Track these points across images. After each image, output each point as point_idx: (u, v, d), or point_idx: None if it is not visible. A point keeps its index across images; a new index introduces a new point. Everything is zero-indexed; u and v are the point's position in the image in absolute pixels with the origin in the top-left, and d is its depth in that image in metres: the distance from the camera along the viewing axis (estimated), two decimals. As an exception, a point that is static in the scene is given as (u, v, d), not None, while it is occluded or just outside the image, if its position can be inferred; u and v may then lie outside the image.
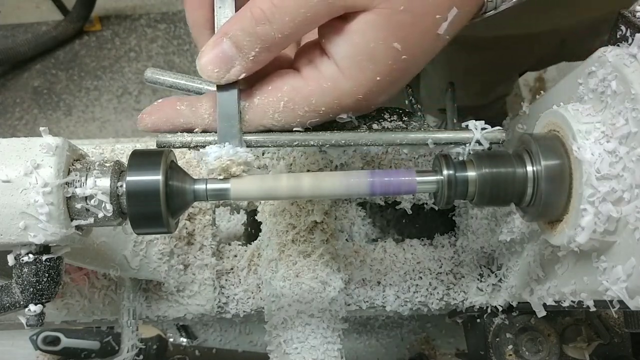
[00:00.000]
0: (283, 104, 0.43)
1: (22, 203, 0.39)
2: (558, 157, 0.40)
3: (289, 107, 0.43)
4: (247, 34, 0.40)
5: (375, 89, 0.42)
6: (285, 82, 0.43)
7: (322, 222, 0.66)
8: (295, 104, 0.43)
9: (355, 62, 0.41)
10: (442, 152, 0.45)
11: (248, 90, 0.45)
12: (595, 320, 0.70)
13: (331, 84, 0.42)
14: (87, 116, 1.97)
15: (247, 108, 0.44)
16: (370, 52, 0.41)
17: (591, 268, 0.42)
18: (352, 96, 0.42)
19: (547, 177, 0.40)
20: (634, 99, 0.37)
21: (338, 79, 0.42)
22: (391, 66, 0.41)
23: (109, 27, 2.10)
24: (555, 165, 0.40)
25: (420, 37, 0.41)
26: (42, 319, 0.43)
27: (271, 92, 0.44)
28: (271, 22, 0.40)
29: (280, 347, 0.67)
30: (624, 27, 0.40)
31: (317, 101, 0.42)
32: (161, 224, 0.41)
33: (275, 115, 0.43)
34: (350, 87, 0.42)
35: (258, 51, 0.41)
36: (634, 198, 0.37)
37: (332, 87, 0.42)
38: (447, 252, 0.73)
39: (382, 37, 0.40)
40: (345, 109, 0.43)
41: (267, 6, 0.39)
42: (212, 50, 0.41)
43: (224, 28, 0.42)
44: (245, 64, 0.41)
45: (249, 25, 0.40)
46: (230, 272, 0.73)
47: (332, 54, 0.42)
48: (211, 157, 0.43)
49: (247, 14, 0.40)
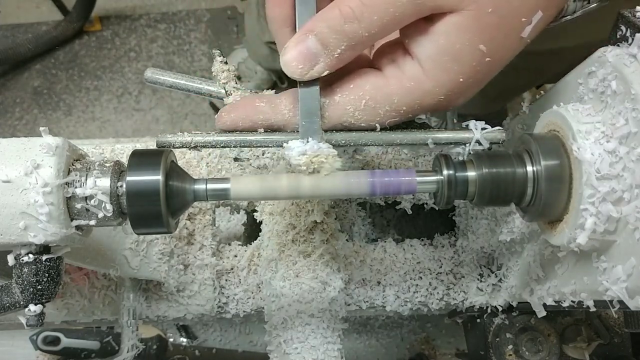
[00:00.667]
0: (364, 102, 0.43)
1: (22, 203, 0.39)
2: (558, 157, 0.40)
3: (370, 105, 0.43)
4: (334, 31, 0.41)
5: (457, 90, 0.43)
6: (367, 81, 0.44)
7: (322, 222, 0.66)
8: (376, 103, 0.43)
9: (439, 63, 0.41)
10: (442, 152, 0.45)
11: (328, 88, 0.45)
12: (595, 320, 0.70)
13: (414, 83, 0.42)
14: (87, 116, 1.97)
15: (327, 105, 0.44)
16: (455, 53, 0.41)
17: (591, 268, 0.42)
18: (434, 96, 0.43)
19: (547, 177, 0.40)
20: (634, 99, 0.37)
21: (421, 79, 0.42)
22: (475, 68, 0.42)
23: (109, 27, 2.10)
24: (555, 165, 0.40)
25: (504, 40, 0.42)
26: (42, 319, 0.43)
27: (353, 90, 0.44)
28: (359, 20, 0.40)
29: (280, 347, 0.67)
30: (624, 27, 0.40)
31: (399, 100, 0.43)
32: (161, 224, 0.41)
33: (355, 113, 0.44)
34: (433, 87, 0.42)
35: (343, 49, 0.41)
36: (634, 198, 0.37)
37: (414, 87, 0.42)
38: (447, 252, 0.73)
39: (469, 38, 0.40)
40: (426, 109, 0.44)
41: (356, 4, 0.40)
42: (296, 47, 0.42)
43: (309, 25, 0.42)
44: (329, 61, 0.42)
45: (336, 23, 0.40)
46: (230, 272, 0.73)
47: (415, 54, 0.42)
48: (295, 152, 0.43)
49: (334, 12, 0.41)
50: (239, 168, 0.71)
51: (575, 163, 0.39)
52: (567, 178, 0.40)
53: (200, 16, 2.08)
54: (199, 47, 2.04)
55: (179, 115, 1.95)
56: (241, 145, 0.47)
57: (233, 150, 0.66)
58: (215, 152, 0.72)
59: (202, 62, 2.02)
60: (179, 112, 1.95)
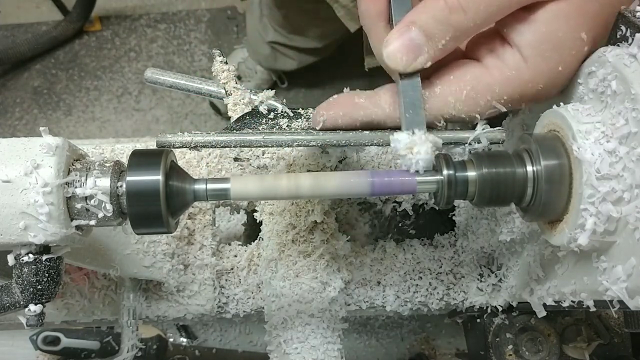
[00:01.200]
0: (466, 92, 0.43)
1: (22, 203, 0.39)
2: (558, 157, 0.40)
3: (471, 96, 0.43)
4: (439, 22, 0.41)
5: (556, 79, 0.43)
6: (467, 72, 0.44)
7: (322, 222, 0.66)
8: (477, 93, 0.43)
9: (540, 51, 0.41)
10: (442, 152, 0.45)
11: (427, 80, 0.45)
12: (595, 320, 0.70)
13: (515, 72, 0.42)
14: (87, 116, 1.97)
15: (427, 97, 0.44)
16: (556, 42, 0.41)
17: (591, 268, 0.42)
18: (535, 85, 0.43)
19: (547, 177, 0.40)
20: (634, 99, 0.37)
21: (521, 68, 0.42)
22: (575, 56, 0.42)
23: (109, 27, 2.10)
24: (555, 165, 0.40)
25: (603, 28, 0.42)
26: (42, 319, 0.43)
27: (453, 81, 0.44)
28: (465, 11, 0.40)
29: (280, 347, 0.67)
30: (624, 27, 0.40)
31: (500, 90, 0.43)
32: (161, 224, 0.41)
33: (457, 104, 0.44)
34: (533, 76, 0.42)
35: (448, 40, 0.41)
36: (634, 198, 0.37)
37: (515, 76, 0.42)
38: (447, 252, 0.73)
39: (571, 26, 0.41)
40: (525, 99, 0.44)
41: None
42: (399, 39, 0.42)
43: (410, 17, 0.42)
44: (433, 52, 0.42)
45: (442, 14, 0.41)
46: (230, 272, 0.73)
47: (516, 42, 0.42)
48: (402, 144, 0.43)
49: (439, 3, 0.41)
50: (239, 168, 0.71)
51: (575, 163, 0.39)
52: (567, 178, 0.40)
53: (200, 16, 2.08)
54: (199, 47, 2.04)
55: (179, 115, 1.95)
56: (241, 145, 0.47)
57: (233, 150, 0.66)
58: (215, 152, 0.71)
59: (202, 62, 2.02)
60: (179, 112, 1.95)
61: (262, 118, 0.52)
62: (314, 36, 1.54)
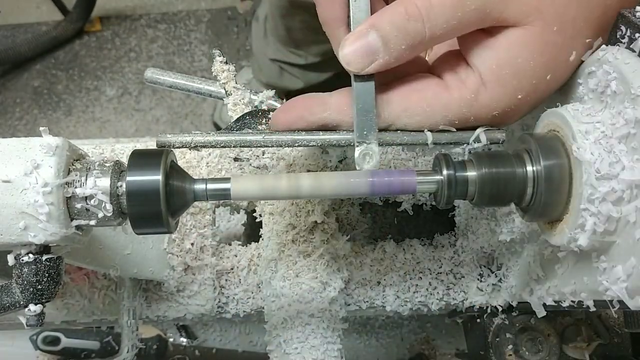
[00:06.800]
0: (421, 108, 0.43)
1: (22, 203, 0.39)
2: (558, 157, 0.40)
3: (426, 111, 0.43)
4: (397, 28, 0.40)
5: (514, 107, 0.43)
6: (428, 87, 0.44)
7: (322, 222, 0.66)
8: (433, 110, 0.43)
9: (499, 77, 0.41)
10: (442, 152, 0.45)
11: (387, 87, 0.45)
12: (595, 320, 0.70)
13: (474, 95, 0.42)
14: (87, 116, 1.97)
15: (384, 104, 0.44)
16: (516, 68, 0.41)
17: (591, 268, 0.42)
18: (490, 111, 0.43)
19: (547, 177, 0.40)
20: (634, 99, 0.37)
21: (480, 91, 0.42)
22: (535, 85, 0.41)
23: (109, 27, 2.10)
24: (555, 165, 0.40)
25: (565, 61, 0.41)
26: (42, 319, 0.43)
27: (412, 94, 0.44)
28: (425, 21, 0.40)
29: (280, 347, 0.67)
30: (624, 27, 0.40)
31: (455, 111, 0.43)
32: (161, 224, 0.41)
33: (414, 117, 0.44)
34: (490, 101, 0.42)
35: (404, 48, 0.41)
36: (633, 198, 0.37)
37: (473, 99, 0.42)
38: (447, 252, 0.73)
39: (531, 54, 0.40)
40: (479, 123, 0.44)
41: (423, 4, 0.40)
42: (356, 41, 0.42)
43: (371, 20, 0.42)
44: (388, 58, 0.42)
45: (400, 21, 0.40)
46: (230, 272, 0.73)
47: (476, 66, 0.42)
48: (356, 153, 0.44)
49: (399, 9, 0.40)
50: (239, 168, 0.71)
51: (575, 163, 0.39)
52: (567, 178, 0.40)
53: (201, 16, 2.08)
54: (199, 47, 2.04)
55: (179, 115, 1.95)
56: (241, 145, 0.47)
57: (233, 150, 0.66)
58: (215, 152, 0.72)
59: (202, 62, 2.02)
60: (179, 112, 1.95)
61: (262, 118, 0.52)
62: (316, 52, 1.53)
